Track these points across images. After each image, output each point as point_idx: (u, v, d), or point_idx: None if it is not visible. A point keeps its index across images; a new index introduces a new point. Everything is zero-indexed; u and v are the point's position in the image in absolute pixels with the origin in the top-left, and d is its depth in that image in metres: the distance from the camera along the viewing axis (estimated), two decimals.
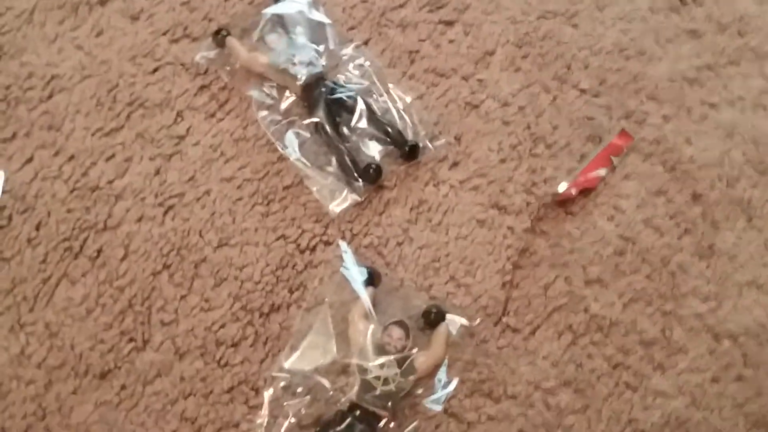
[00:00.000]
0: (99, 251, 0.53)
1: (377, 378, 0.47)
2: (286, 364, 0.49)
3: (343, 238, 0.54)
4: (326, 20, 0.60)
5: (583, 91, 0.61)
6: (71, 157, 0.56)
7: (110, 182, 0.55)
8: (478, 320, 0.52)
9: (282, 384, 0.49)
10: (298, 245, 0.54)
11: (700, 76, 0.62)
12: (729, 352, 0.52)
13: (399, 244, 0.55)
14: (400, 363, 0.48)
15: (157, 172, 0.56)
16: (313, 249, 0.54)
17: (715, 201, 0.57)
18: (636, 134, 0.59)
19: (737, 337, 0.53)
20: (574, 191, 0.56)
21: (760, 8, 0.64)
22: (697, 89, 0.61)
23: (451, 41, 0.62)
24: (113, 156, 0.56)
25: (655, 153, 0.59)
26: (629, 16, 0.64)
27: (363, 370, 0.48)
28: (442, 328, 0.51)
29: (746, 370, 0.52)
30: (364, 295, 0.50)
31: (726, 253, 0.55)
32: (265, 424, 0.48)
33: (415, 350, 0.49)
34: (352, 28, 0.62)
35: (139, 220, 0.54)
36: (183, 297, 0.52)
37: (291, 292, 0.53)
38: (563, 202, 0.57)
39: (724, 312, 0.54)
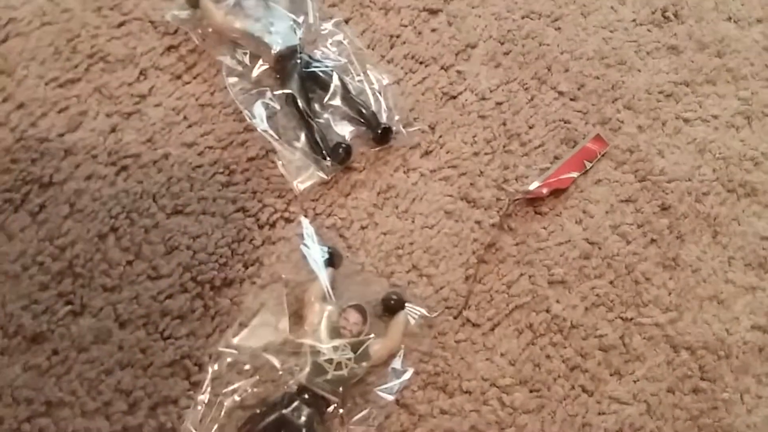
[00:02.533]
0: (42, 206, 0.49)
1: (330, 361, 0.45)
2: (235, 340, 0.46)
3: (306, 216, 0.52)
4: None
5: (561, 93, 0.60)
6: (20, 105, 0.52)
7: (61, 135, 0.52)
8: (437, 312, 0.51)
9: (228, 360, 0.46)
10: (258, 219, 0.52)
11: (676, 91, 0.62)
12: (686, 363, 0.52)
13: (363, 227, 0.53)
14: (354, 348, 0.46)
15: (113, 130, 0.52)
16: (273, 225, 0.52)
17: (683, 214, 0.57)
18: (610, 141, 0.59)
19: (695, 350, 0.52)
20: (545, 190, 0.55)
21: (741, 32, 0.65)
22: (673, 104, 0.61)
23: (433, 30, 0.61)
24: (67, 108, 0.52)
25: (627, 162, 0.58)
26: (612, 26, 0.64)
27: (315, 352, 0.45)
28: (400, 317, 0.49)
29: (703, 383, 0.51)
30: (323, 275, 0.48)
31: (690, 266, 0.55)
32: (206, 401, 0.45)
33: (371, 336, 0.47)
34: (333, 5, 0.60)
35: (89, 177, 0.51)
36: (129, 262, 0.49)
37: (246, 267, 0.50)
38: (533, 201, 0.55)
39: (683, 324, 0.53)
